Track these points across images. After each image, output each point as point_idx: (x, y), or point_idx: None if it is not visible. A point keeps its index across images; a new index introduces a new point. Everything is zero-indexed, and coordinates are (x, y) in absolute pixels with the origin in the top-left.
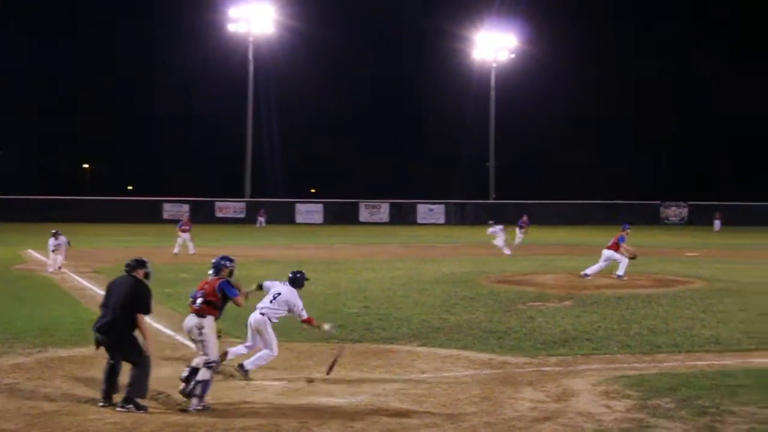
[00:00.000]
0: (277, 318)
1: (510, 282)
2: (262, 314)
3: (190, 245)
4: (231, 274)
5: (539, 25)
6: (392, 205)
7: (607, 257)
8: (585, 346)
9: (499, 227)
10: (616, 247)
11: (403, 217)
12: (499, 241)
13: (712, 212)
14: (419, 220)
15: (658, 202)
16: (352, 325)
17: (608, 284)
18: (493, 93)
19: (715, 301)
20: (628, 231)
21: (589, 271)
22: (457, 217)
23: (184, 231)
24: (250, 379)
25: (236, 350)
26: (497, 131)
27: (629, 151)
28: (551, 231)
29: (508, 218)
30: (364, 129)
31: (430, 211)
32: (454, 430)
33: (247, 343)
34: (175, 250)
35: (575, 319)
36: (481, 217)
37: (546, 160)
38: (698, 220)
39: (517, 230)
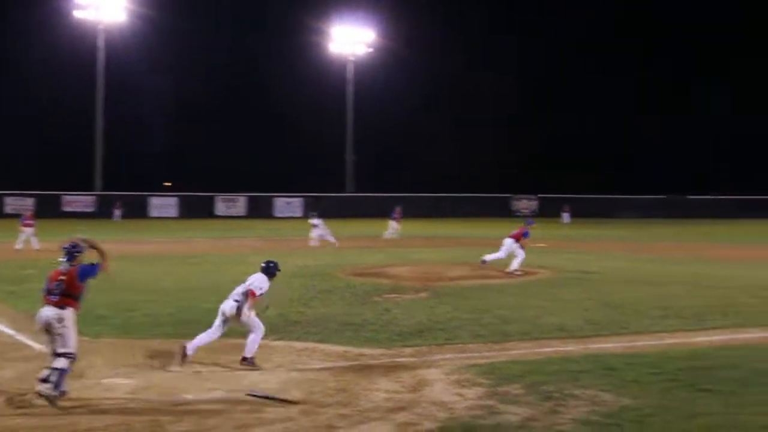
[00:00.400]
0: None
1: (366, 274)
2: (236, 301)
3: (34, 240)
4: (92, 246)
5: (396, 19)
6: (249, 199)
7: (509, 247)
8: (439, 337)
9: (320, 220)
10: (518, 237)
11: (260, 210)
12: (319, 232)
13: (561, 205)
14: (276, 214)
15: (509, 194)
16: (207, 321)
17: (462, 276)
18: (350, 86)
19: (561, 290)
20: (534, 226)
21: (488, 257)
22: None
23: (27, 226)
24: (258, 368)
25: (196, 343)
26: (355, 124)
27: (483, 144)
28: (407, 223)
29: (366, 211)
30: (220, 121)
31: (288, 205)
32: (309, 423)
33: (209, 331)
34: (18, 246)
35: (430, 310)
36: (339, 211)
37: (403, 153)
38: (548, 212)
39: (392, 222)
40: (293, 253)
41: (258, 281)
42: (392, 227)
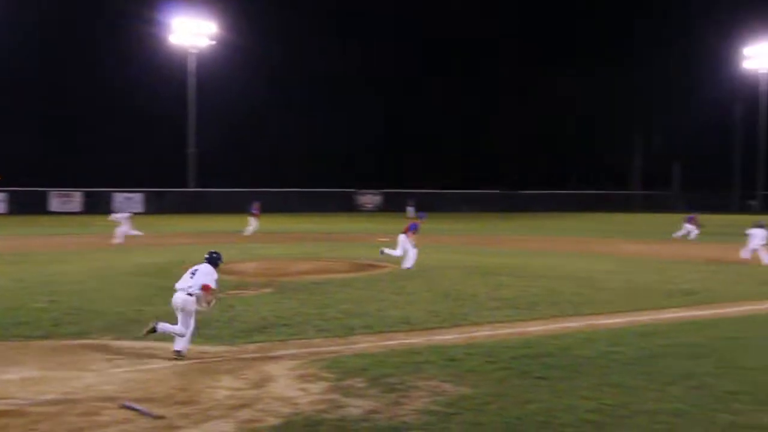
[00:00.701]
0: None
1: None
2: (190, 294)
3: None
4: None
5: (240, 11)
6: (85, 194)
7: (402, 243)
8: (283, 332)
9: (123, 215)
10: (408, 232)
11: (98, 205)
12: (124, 228)
13: (405, 200)
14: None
15: (353, 190)
16: (37, 321)
17: (307, 270)
18: (192, 79)
19: (405, 283)
20: (425, 220)
21: (386, 250)
22: (155, 206)
23: None
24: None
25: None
26: (198, 118)
27: (327, 139)
28: (242, 219)
29: (209, 207)
30: (54, 113)
31: (127, 200)
32: (148, 424)
33: (180, 327)
34: None
35: (274, 305)
36: (180, 206)
37: (248, 148)
38: (393, 207)
39: (251, 219)
40: (134, 250)
41: (209, 274)
42: (251, 223)
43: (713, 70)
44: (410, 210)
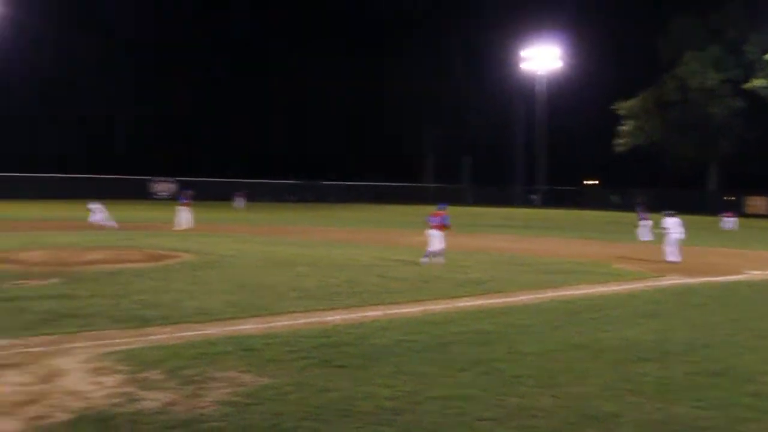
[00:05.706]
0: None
1: None
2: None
3: None
4: None
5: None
6: None
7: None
8: (72, 324)
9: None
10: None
11: None
12: None
13: (201, 188)
14: None
15: (148, 177)
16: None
17: (99, 259)
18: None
19: (201, 273)
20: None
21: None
22: None
23: None
24: None
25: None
26: None
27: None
28: (28, 206)
29: None
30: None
31: None
32: None
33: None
34: None
35: (62, 296)
36: None
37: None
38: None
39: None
40: None
41: (676, 222)
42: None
43: (496, 69)
44: (239, 200)
